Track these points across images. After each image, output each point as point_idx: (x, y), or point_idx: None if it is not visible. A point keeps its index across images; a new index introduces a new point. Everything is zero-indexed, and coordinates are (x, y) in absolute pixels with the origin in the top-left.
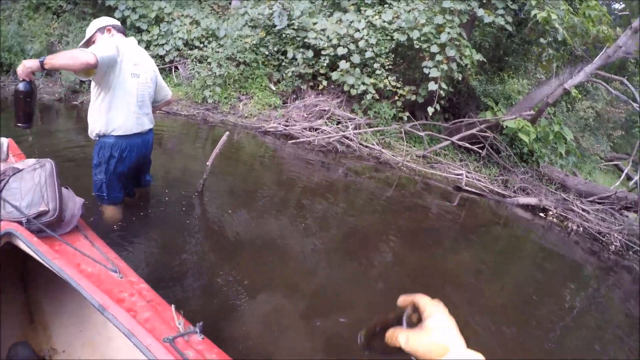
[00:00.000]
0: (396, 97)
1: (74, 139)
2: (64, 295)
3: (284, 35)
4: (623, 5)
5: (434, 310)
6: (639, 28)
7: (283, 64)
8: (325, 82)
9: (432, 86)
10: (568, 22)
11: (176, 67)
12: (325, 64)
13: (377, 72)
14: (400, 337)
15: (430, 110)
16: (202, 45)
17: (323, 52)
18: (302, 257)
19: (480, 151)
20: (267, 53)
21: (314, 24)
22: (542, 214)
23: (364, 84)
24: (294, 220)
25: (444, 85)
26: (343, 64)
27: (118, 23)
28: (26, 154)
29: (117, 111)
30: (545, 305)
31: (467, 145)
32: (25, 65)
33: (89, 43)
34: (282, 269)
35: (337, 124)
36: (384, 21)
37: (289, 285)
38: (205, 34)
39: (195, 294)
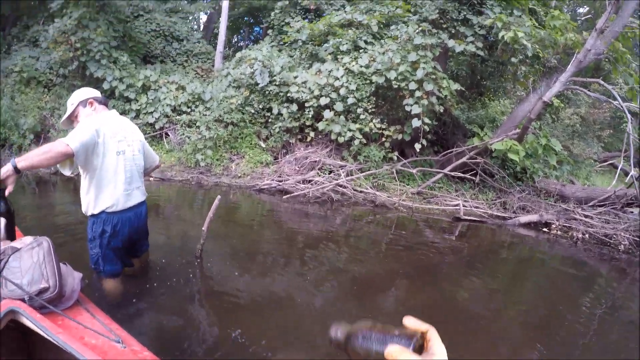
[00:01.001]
0: (383, 139)
1: (71, 212)
2: None
3: (267, 92)
4: (587, 9)
5: (439, 352)
6: (602, 27)
7: (270, 120)
8: (312, 134)
9: (415, 123)
10: (535, 36)
11: (167, 134)
12: (310, 116)
13: (361, 116)
14: (405, 357)
15: (417, 146)
16: (189, 109)
17: (307, 104)
18: (311, 311)
19: (473, 178)
20: (253, 111)
21: (295, 77)
22: (545, 229)
23: (350, 130)
24: (298, 274)
25: (427, 120)
26: (327, 114)
27: (99, 94)
28: (24, 228)
29: (106, 191)
30: (565, 321)
31: (460, 174)
32: None
33: (71, 117)
34: (292, 326)
35: (329, 173)
36: (361, 66)
37: (300, 342)
38: (192, 98)
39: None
